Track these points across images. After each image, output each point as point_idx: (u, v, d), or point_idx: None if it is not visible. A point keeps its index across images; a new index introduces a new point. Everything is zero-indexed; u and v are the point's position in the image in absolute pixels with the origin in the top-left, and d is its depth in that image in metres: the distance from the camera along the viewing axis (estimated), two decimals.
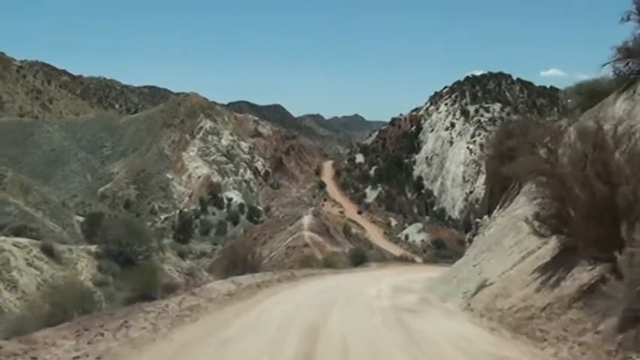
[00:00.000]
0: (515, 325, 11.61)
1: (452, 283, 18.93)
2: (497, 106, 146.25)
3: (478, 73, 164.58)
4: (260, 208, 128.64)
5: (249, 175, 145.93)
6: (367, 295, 18.70)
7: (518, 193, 22.36)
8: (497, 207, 25.23)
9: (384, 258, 50.59)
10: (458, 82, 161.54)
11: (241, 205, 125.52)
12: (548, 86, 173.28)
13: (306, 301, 15.95)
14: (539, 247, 14.55)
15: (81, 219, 66.06)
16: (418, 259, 67.54)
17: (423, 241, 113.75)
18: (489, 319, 12.81)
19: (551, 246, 13.67)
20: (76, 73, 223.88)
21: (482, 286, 15.03)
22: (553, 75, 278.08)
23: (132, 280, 14.57)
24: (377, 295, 18.77)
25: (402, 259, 55.90)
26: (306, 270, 28.38)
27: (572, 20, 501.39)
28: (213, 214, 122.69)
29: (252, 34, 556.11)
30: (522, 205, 20.57)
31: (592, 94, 27.10)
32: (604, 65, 17.17)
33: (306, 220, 72.94)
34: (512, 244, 17.00)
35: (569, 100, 26.36)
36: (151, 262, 24.14)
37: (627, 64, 16.94)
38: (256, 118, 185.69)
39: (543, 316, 11.16)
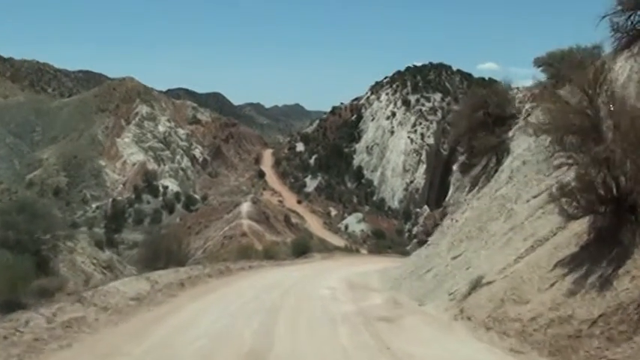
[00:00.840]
0: (554, 347, 7.76)
1: (424, 279, 15.07)
2: (438, 95, 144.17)
3: (419, 63, 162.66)
4: (197, 196, 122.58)
5: (186, 162, 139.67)
6: (320, 295, 14.69)
7: (496, 171, 18.75)
8: (467, 189, 21.61)
9: (326, 249, 46.79)
10: (399, 72, 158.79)
11: (177, 194, 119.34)
12: (486, 78, 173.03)
13: (242, 307, 11.78)
14: (554, 234, 10.81)
15: None
16: (363, 250, 63.83)
17: (362, 231, 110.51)
18: (503, 334, 8.96)
19: (574, 231, 9.97)
20: (6, 56, 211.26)
21: (476, 285, 11.19)
22: (489, 68, 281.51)
23: None
24: (332, 295, 14.78)
25: (347, 250, 52.12)
26: (244, 262, 24.13)
27: (509, 17, 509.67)
28: (148, 202, 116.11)
29: (192, 21, 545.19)
30: (506, 183, 16.94)
31: (569, 63, 23.64)
32: (602, 18, 13.66)
33: (245, 207, 68.10)
34: (505, 230, 13.26)
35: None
36: (51, 253, 19.36)
37: (629, 17, 13.52)
38: (195, 105, 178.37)
39: (598, 334, 7.36)
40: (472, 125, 20.98)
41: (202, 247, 52.66)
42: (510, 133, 19.44)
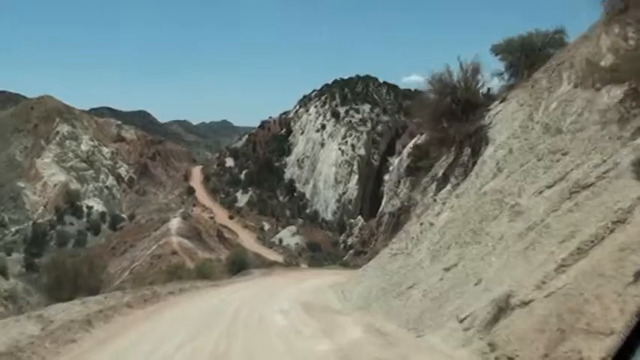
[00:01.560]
0: None
1: (409, 298, 11.61)
2: (367, 107, 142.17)
3: (346, 76, 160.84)
4: (124, 215, 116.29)
5: (111, 181, 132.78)
6: (275, 325, 11.07)
7: (474, 164, 15.59)
8: (433, 188, 18.44)
9: (264, 264, 42.95)
10: (327, 85, 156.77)
11: (103, 214, 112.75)
12: (412, 89, 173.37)
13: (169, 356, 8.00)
14: (611, 230, 7.60)
15: None
16: (303, 264, 59.99)
17: (297, 244, 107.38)
18: None
19: None
20: None
21: (506, 308, 7.80)
22: (414, 80, 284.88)
23: None
24: (290, 324, 11.18)
25: (286, 265, 48.30)
26: (174, 284, 20.19)
27: (430, 29, 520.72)
28: (72, 224, 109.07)
29: (114, 41, 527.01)
30: (494, 176, 13.79)
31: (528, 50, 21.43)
32: None
33: (174, 223, 63.18)
34: (519, 230, 9.99)
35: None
36: None
37: None
38: (119, 122, 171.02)
39: None
40: (437, 114, 17.85)
41: (129, 269, 47.87)
42: (486, 120, 16.40)
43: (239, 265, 33.20)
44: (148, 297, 15.55)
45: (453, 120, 17.21)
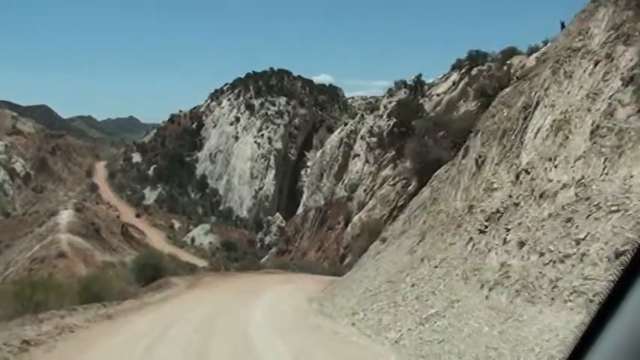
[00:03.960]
0: None
1: None
2: (283, 99, 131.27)
3: (259, 70, 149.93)
4: (16, 213, 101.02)
5: (3, 176, 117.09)
6: None
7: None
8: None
9: (185, 270, 32.03)
10: (240, 79, 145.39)
11: None
12: (327, 84, 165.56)
13: None
14: None
15: None
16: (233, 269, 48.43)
17: (211, 243, 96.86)
18: None
19: None
20: None
21: None
22: (324, 79, 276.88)
23: None
24: None
25: (215, 270, 37.25)
26: (32, 318, 9.73)
27: (340, 32, 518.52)
28: None
29: (13, 32, 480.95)
30: None
31: None
32: None
33: (65, 217, 49.75)
34: None
35: None
36: None
37: None
38: (15, 114, 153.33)
39: None
40: None
41: (1, 276, 35.88)
42: None
43: (152, 272, 22.62)
44: None
45: None
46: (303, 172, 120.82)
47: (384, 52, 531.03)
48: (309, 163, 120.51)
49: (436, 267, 8.97)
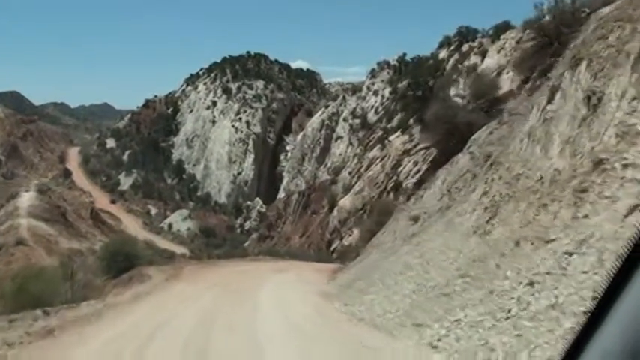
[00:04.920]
0: None
1: None
2: (261, 83, 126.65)
3: (235, 54, 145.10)
4: None
5: None
6: None
7: None
8: None
9: (160, 256, 28.38)
10: (215, 63, 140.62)
11: None
12: (304, 69, 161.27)
13: None
14: None
15: None
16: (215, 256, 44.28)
17: (189, 229, 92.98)
18: None
19: None
20: None
21: None
22: (300, 65, 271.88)
23: None
24: None
25: (195, 257, 33.54)
26: None
27: (316, 19, 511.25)
28: None
29: None
30: None
31: None
32: None
33: (26, 199, 45.32)
34: None
35: None
36: None
37: None
38: None
39: None
40: None
41: None
42: None
43: (125, 261, 18.99)
44: None
45: None
46: (282, 157, 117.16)
47: (361, 37, 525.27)
48: (288, 148, 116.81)
49: (570, 254, 5.63)
